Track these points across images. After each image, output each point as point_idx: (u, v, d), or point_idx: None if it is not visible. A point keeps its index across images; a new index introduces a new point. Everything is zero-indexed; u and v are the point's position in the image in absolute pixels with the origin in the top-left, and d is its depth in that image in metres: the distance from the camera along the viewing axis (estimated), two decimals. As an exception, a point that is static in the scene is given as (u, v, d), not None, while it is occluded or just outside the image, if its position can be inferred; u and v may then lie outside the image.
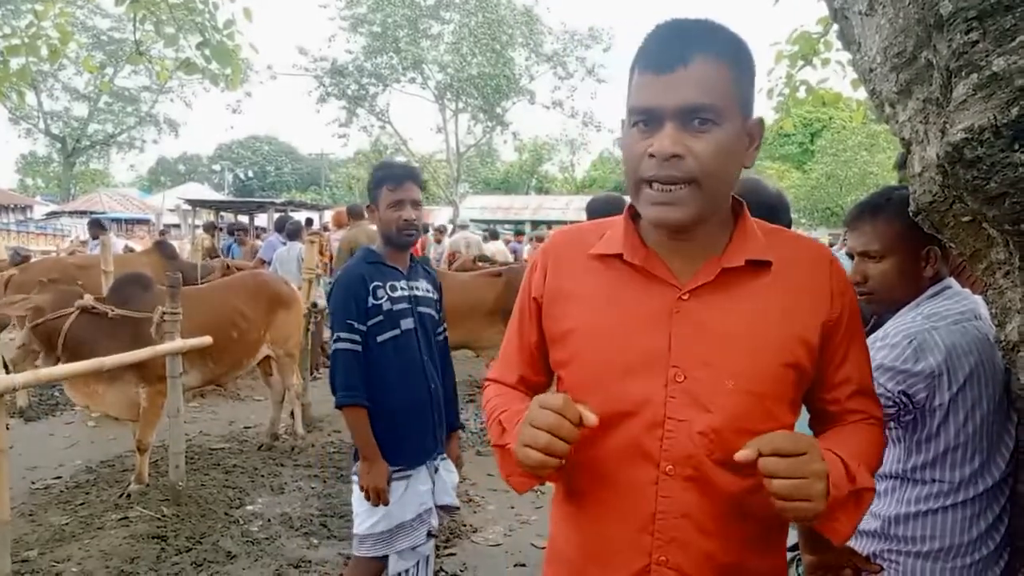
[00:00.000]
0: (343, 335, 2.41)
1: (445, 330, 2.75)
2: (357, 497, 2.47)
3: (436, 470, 2.61)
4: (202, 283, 6.50)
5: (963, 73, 1.02)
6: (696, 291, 1.10)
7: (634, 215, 1.19)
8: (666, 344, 1.09)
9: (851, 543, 1.61)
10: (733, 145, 1.06)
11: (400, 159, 29.83)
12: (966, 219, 1.26)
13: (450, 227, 16.48)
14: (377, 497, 2.39)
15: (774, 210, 2.37)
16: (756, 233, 1.15)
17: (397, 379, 2.46)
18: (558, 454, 1.01)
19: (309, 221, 13.26)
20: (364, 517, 2.46)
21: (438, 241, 12.83)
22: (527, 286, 1.30)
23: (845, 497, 1.02)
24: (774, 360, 1.08)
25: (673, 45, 1.04)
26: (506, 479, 1.21)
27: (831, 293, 1.13)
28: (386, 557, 2.50)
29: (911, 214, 1.44)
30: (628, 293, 1.15)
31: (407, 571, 2.55)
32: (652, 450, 1.09)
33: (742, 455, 0.97)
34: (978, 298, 1.60)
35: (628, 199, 1.17)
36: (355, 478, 2.47)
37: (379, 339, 2.44)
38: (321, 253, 8.91)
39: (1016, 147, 0.97)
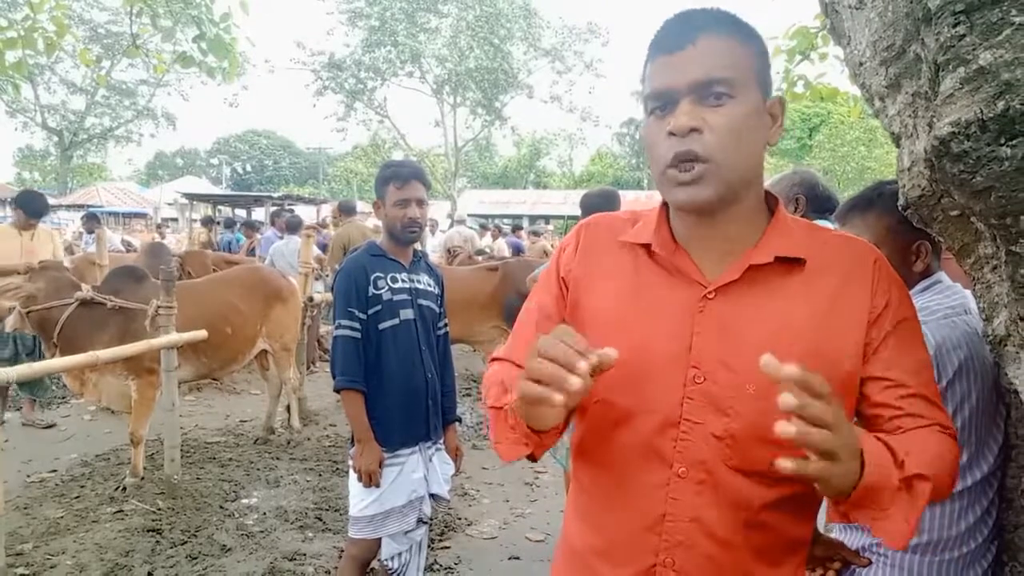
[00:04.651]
0: (344, 322, 2.53)
1: (446, 325, 2.83)
2: (352, 480, 2.57)
3: (430, 459, 2.69)
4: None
5: (950, 67, 1.02)
6: (722, 289, 1.07)
7: (668, 208, 1.16)
8: (687, 343, 1.06)
9: (840, 536, 1.62)
10: (752, 120, 1.03)
11: (399, 154, 29.84)
12: (954, 213, 1.25)
13: (448, 221, 16.47)
14: (369, 479, 2.49)
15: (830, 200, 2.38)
16: (791, 229, 1.10)
17: (395, 366, 2.56)
18: (564, 389, 0.87)
19: (280, 212, 13.16)
20: (357, 499, 2.57)
21: (432, 232, 12.89)
22: (555, 265, 1.25)
23: (895, 487, 0.94)
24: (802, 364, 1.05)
25: (682, 27, 1.04)
26: (495, 445, 1.12)
27: (872, 292, 1.06)
28: (379, 540, 2.60)
29: (900, 208, 1.44)
30: (653, 287, 1.12)
31: (399, 555, 2.64)
32: (665, 451, 1.06)
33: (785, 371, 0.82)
34: (967, 292, 1.60)
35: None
36: (351, 461, 2.56)
37: (380, 327, 2.55)
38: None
39: (1002, 141, 0.97)
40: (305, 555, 3.59)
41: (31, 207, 5.49)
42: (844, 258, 1.09)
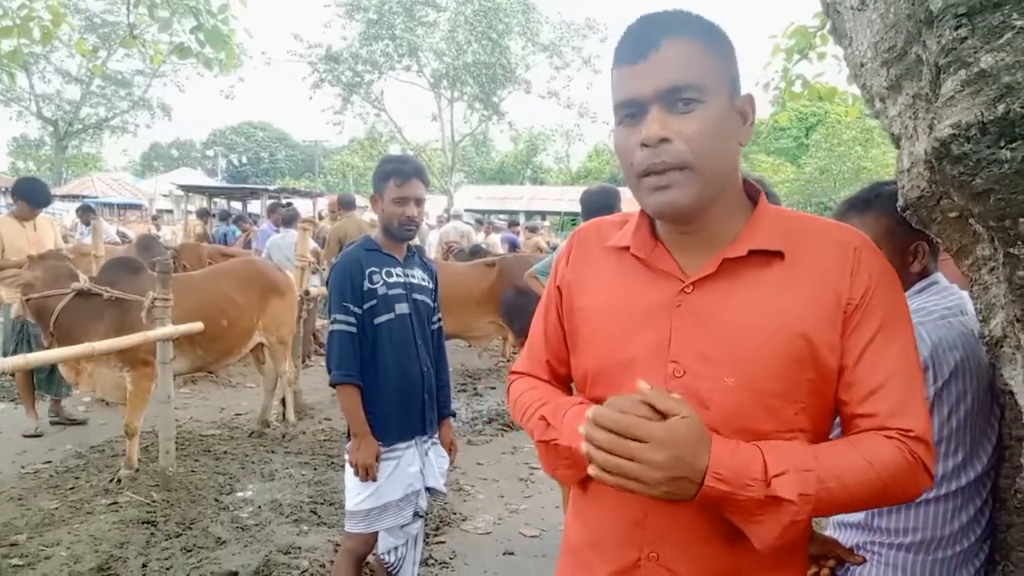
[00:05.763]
0: (339, 317, 2.52)
1: (440, 319, 2.83)
2: (348, 474, 2.57)
3: (426, 453, 2.69)
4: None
5: (951, 69, 1.02)
6: (699, 283, 1.07)
7: None
8: (667, 338, 1.07)
9: (834, 535, 1.63)
10: (723, 123, 1.03)
11: (395, 148, 29.77)
12: (953, 215, 1.26)
13: (445, 216, 16.50)
14: (366, 473, 2.49)
15: None
16: (772, 221, 1.09)
17: (390, 360, 2.56)
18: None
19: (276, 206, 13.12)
20: (354, 494, 2.57)
21: (440, 225, 12.97)
22: (553, 275, 1.29)
23: (760, 499, 0.95)
24: (779, 355, 1.02)
25: (644, 33, 1.04)
26: (552, 474, 1.20)
27: (851, 281, 1.03)
28: (375, 534, 2.60)
29: (899, 209, 1.45)
30: (634, 287, 1.13)
31: (395, 548, 2.65)
32: None
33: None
34: (964, 293, 1.61)
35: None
36: (347, 455, 2.56)
37: (375, 322, 2.54)
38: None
39: (1002, 144, 0.97)
40: (300, 548, 3.59)
41: (35, 197, 5.25)
42: (825, 247, 1.07)
